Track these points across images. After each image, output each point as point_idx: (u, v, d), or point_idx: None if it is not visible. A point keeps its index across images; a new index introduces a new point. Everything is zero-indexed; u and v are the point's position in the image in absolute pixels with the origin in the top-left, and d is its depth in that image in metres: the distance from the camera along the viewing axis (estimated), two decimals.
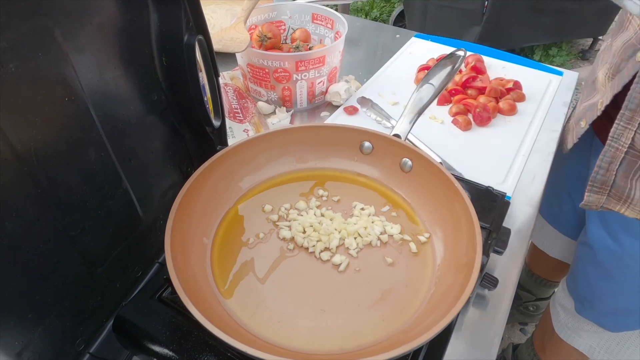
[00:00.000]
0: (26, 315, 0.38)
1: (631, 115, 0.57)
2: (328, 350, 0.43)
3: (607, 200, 0.66)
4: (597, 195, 0.66)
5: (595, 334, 0.88)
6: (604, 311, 0.83)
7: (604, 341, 0.88)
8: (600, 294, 0.81)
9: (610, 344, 0.88)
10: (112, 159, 0.44)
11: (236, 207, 0.57)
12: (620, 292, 0.76)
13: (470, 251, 0.45)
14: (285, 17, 0.94)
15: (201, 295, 0.44)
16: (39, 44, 0.33)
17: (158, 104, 0.49)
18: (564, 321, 0.94)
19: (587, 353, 0.93)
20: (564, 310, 0.93)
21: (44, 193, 0.37)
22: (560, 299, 0.94)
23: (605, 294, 0.80)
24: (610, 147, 0.62)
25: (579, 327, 0.90)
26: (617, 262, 0.73)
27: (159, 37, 0.46)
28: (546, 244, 1.06)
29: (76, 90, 0.38)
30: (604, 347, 0.89)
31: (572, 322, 0.92)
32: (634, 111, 0.56)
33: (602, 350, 0.90)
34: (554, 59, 2.53)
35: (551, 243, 1.05)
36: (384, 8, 2.99)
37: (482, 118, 0.81)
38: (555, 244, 1.04)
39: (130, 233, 0.50)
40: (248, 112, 0.82)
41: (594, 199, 0.67)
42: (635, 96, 0.56)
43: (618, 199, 0.65)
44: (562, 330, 0.95)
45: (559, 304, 0.95)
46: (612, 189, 0.65)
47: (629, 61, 0.59)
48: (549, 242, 1.05)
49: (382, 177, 0.60)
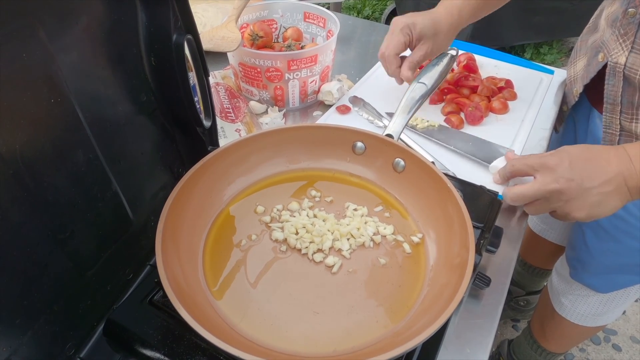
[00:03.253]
0: (14, 320, 0.38)
1: (612, 107, 0.67)
2: (322, 352, 0.43)
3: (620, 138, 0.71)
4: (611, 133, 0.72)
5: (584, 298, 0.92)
6: (597, 271, 0.86)
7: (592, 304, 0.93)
8: (596, 254, 0.83)
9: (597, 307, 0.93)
10: (100, 160, 0.43)
11: (228, 209, 0.56)
12: (617, 250, 0.79)
13: (463, 251, 0.45)
14: (277, 16, 0.94)
15: (193, 299, 0.44)
16: (24, 44, 0.33)
17: (147, 105, 0.49)
18: (557, 287, 0.98)
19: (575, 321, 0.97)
20: (559, 277, 0.97)
21: (31, 196, 0.36)
22: (557, 268, 0.98)
23: (601, 253, 0.82)
24: (607, 134, 0.71)
25: (569, 291, 0.94)
26: (618, 222, 0.75)
27: (147, 36, 0.45)
28: (542, 228, 1.09)
29: (63, 91, 0.37)
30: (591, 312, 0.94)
31: (563, 288, 0.96)
32: (612, 104, 0.67)
33: (589, 316, 0.95)
34: (544, 57, 2.54)
35: (548, 226, 1.07)
36: (376, 6, 2.99)
37: (474, 117, 0.81)
38: (553, 228, 1.07)
39: (120, 235, 0.49)
40: (240, 112, 0.81)
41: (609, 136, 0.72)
42: (609, 93, 0.66)
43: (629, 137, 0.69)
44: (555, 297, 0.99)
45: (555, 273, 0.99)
46: None
47: (594, 59, 0.71)
48: (546, 225, 1.08)
49: (375, 177, 0.60)
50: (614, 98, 0.66)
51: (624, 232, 0.77)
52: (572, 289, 0.93)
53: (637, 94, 0.63)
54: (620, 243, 0.78)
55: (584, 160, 0.52)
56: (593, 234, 0.82)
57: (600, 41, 0.69)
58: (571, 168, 0.51)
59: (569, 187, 0.51)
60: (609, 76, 0.65)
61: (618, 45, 0.64)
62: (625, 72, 0.62)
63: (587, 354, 1.39)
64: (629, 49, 0.62)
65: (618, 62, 0.63)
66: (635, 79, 0.61)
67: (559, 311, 0.99)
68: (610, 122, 0.69)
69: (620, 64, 0.63)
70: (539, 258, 1.21)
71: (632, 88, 0.63)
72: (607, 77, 0.65)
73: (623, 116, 0.66)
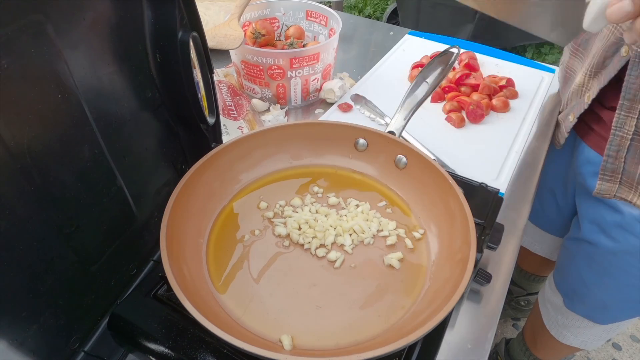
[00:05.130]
0: (20, 313, 0.38)
1: (630, 104, 0.60)
2: (324, 346, 0.43)
3: (620, 188, 0.67)
4: (608, 184, 0.68)
5: (585, 329, 0.90)
6: (595, 305, 0.84)
7: (594, 333, 0.90)
8: (592, 288, 0.82)
9: (601, 334, 0.90)
10: (106, 156, 0.44)
11: (231, 204, 0.57)
12: (613, 285, 0.78)
13: (464, 247, 0.46)
14: (279, 14, 0.94)
15: (197, 293, 0.44)
16: (32, 40, 0.33)
17: (152, 101, 0.49)
18: (554, 318, 0.95)
19: (580, 346, 0.95)
20: (554, 308, 0.94)
21: (38, 190, 0.37)
22: (549, 296, 0.96)
23: (597, 288, 0.81)
24: (616, 136, 0.64)
25: (569, 324, 0.91)
26: (611, 257, 0.75)
27: (153, 33, 0.45)
28: (529, 241, 1.07)
29: (69, 87, 0.37)
30: (595, 337, 0.91)
31: (562, 320, 0.93)
32: (632, 100, 0.59)
33: (594, 341, 0.92)
34: (546, 57, 2.54)
35: (535, 240, 1.06)
36: (378, 5, 2.99)
37: (475, 115, 0.81)
38: (538, 242, 1.05)
39: (124, 231, 0.49)
40: (242, 110, 0.81)
41: (606, 187, 0.69)
42: (630, 87, 0.59)
43: (630, 187, 0.66)
44: (553, 327, 0.96)
45: (548, 302, 0.96)
46: (622, 176, 0.67)
47: (614, 57, 0.63)
48: (532, 239, 1.06)
49: (377, 173, 0.61)
50: (635, 93, 0.59)
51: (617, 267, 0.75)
52: (571, 321, 0.90)
53: None
54: (615, 279, 0.76)
55: None
56: (587, 266, 0.80)
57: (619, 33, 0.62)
58: None
59: None
60: (632, 67, 0.59)
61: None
62: None
63: (587, 352, 1.40)
64: None
65: None
66: None
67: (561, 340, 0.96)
68: (624, 122, 0.62)
69: None
70: (532, 266, 1.21)
71: None
72: (629, 69, 0.59)
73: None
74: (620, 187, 0.68)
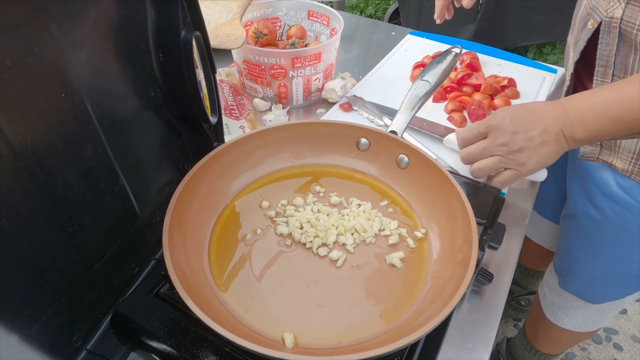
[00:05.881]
0: (24, 311, 0.38)
1: (604, 70, 0.64)
2: (326, 344, 0.44)
3: (601, 151, 0.70)
4: (591, 147, 0.71)
5: (579, 310, 0.91)
6: (585, 281, 0.85)
7: (588, 315, 0.91)
8: (582, 263, 0.82)
9: (595, 316, 0.91)
10: (108, 155, 0.44)
11: (233, 204, 0.57)
12: (600, 259, 0.78)
13: (466, 246, 0.46)
14: (281, 14, 0.94)
15: (199, 291, 0.45)
16: (36, 39, 0.33)
17: (155, 100, 0.49)
18: (550, 300, 0.96)
19: (575, 329, 0.95)
20: (550, 289, 0.95)
21: (41, 189, 0.37)
22: (546, 279, 0.97)
23: (586, 262, 0.81)
24: None
25: (563, 304, 0.92)
26: (597, 228, 0.75)
27: (156, 33, 0.45)
28: (531, 229, 1.08)
29: (73, 86, 0.38)
30: (589, 320, 0.92)
31: (557, 300, 0.94)
32: (605, 66, 0.63)
33: (588, 323, 0.93)
34: (547, 57, 2.54)
35: (536, 228, 1.06)
36: (379, 5, 2.99)
37: (477, 115, 0.81)
38: (539, 229, 1.05)
39: (126, 229, 0.50)
40: (244, 109, 0.81)
41: (589, 150, 0.71)
42: (602, 54, 0.63)
43: (609, 150, 0.68)
44: (549, 309, 0.97)
45: (545, 285, 0.98)
46: None
47: (583, 31, 0.68)
48: (533, 227, 1.07)
49: (379, 173, 0.61)
50: (607, 59, 0.62)
51: (602, 238, 0.75)
52: (565, 301, 0.91)
53: (631, 55, 0.60)
54: (601, 251, 0.77)
55: (523, 114, 0.56)
56: (577, 241, 0.81)
57: (589, 7, 0.66)
58: (513, 123, 0.55)
59: (514, 140, 0.55)
60: (603, 35, 0.62)
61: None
62: (621, 27, 0.59)
63: (589, 353, 1.39)
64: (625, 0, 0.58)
65: (614, 17, 0.60)
66: (632, 34, 0.58)
67: (556, 323, 0.97)
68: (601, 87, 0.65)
69: (616, 18, 0.59)
70: (531, 260, 1.21)
71: (627, 47, 0.60)
72: (600, 36, 0.62)
73: (615, 80, 0.63)
74: (601, 150, 0.69)
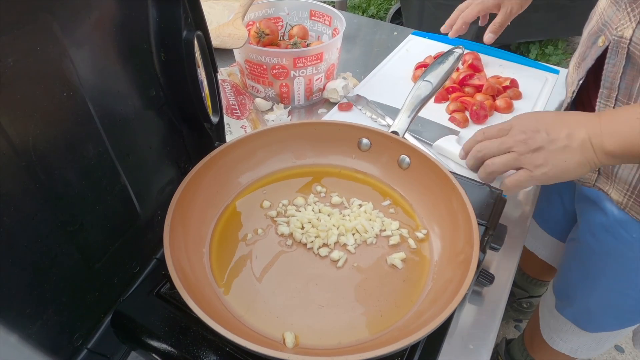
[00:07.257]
0: (25, 310, 0.38)
1: (608, 92, 0.62)
2: (326, 345, 0.43)
3: (599, 178, 0.68)
4: (589, 173, 0.69)
5: (573, 335, 0.89)
6: (580, 309, 0.84)
7: (583, 342, 0.89)
8: (579, 290, 0.82)
9: (590, 344, 0.89)
10: (110, 154, 0.44)
11: (234, 203, 0.57)
12: (597, 289, 0.77)
13: (467, 247, 0.46)
14: (283, 14, 0.94)
15: (199, 291, 0.45)
16: (38, 38, 0.33)
17: (156, 100, 0.49)
18: (547, 321, 0.95)
19: (569, 354, 0.94)
20: (548, 310, 0.94)
21: (42, 188, 0.37)
22: (547, 298, 0.95)
23: (583, 290, 0.81)
24: None
25: (559, 327, 0.91)
26: (596, 258, 0.75)
27: (158, 32, 0.45)
28: (536, 245, 1.07)
29: (74, 85, 0.38)
30: (584, 347, 0.90)
31: (553, 323, 0.92)
32: (609, 89, 0.61)
33: (584, 350, 0.91)
34: (550, 58, 2.54)
35: (540, 244, 1.05)
36: (381, 5, 2.99)
37: (479, 116, 0.81)
38: (544, 245, 1.04)
39: (128, 229, 0.50)
40: (245, 109, 0.81)
41: (587, 175, 0.70)
42: (608, 75, 0.61)
43: (607, 178, 0.67)
44: (546, 331, 0.96)
45: (545, 304, 0.96)
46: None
47: (592, 47, 0.65)
48: (538, 243, 1.06)
49: (380, 173, 0.61)
50: (612, 81, 0.60)
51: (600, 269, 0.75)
52: (561, 325, 0.90)
53: (638, 80, 0.58)
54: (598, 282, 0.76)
55: (551, 117, 0.54)
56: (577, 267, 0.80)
57: (601, 23, 0.64)
58: (538, 122, 0.53)
59: (535, 137, 0.52)
60: (610, 55, 0.60)
61: (625, 16, 0.58)
62: (629, 49, 0.57)
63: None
64: (637, 19, 0.56)
65: (623, 36, 0.57)
66: None
67: (551, 345, 0.96)
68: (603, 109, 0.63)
69: (625, 38, 0.57)
70: (535, 271, 1.20)
71: (634, 71, 0.58)
72: (608, 57, 0.60)
73: (618, 105, 0.61)
74: (599, 177, 0.68)
